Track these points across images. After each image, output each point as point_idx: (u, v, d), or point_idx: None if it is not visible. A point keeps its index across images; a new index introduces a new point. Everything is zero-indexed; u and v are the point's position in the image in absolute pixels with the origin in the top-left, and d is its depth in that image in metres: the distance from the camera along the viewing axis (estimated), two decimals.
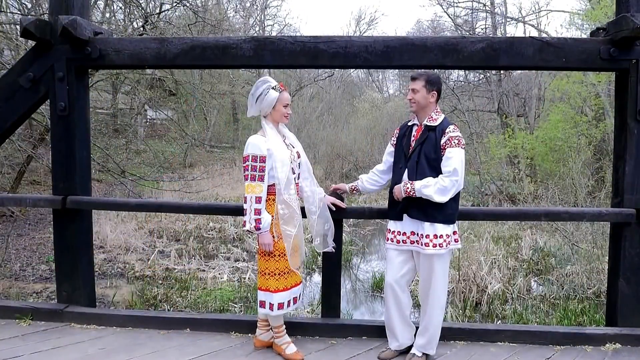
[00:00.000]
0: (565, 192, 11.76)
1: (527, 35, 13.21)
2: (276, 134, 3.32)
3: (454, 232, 3.30)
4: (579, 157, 11.66)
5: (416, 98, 3.28)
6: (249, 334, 3.71)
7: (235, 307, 7.13)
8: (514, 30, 23.71)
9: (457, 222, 3.35)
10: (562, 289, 7.83)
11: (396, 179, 3.34)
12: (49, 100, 4.04)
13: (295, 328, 3.75)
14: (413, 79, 3.31)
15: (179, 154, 18.68)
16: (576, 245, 8.85)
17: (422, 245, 3.22)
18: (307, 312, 7.09)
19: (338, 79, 29.75)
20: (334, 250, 3.59)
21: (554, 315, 6.95)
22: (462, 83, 21.46)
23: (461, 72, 20.92)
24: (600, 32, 3.80)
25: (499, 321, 6.85)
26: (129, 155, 13.37)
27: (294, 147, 3.41)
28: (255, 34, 24.12)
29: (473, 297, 7.58)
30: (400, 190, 3.24)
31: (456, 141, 3.16)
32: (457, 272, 7.96)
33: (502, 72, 17.78)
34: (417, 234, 3.25)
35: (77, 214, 4.01)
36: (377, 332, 3.73)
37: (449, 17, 20.22)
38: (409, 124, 3.43)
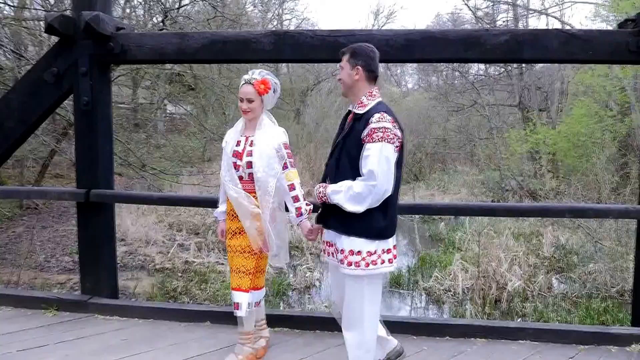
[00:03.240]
0: (589, 189, 11.59)
1: (550, 27, 12.97)
2: (235, 129, 3.21)
3: (386, 250, 2.59)
4: (603, 153, 11.47)
5: (341, 76, 2.71)
6: (268, 328, 3.72)
7: None
8: (537, 23, 23.27)
9: (392, 238, 2.65)
10: (585, 287, 7.72)
11: (323, 178, 2.78)
12: (72, 95, 4.09)
13: (314, 323, 3.75)
14: (341, 53, 2.74)
15: (198, 148, 18.80)
16: (600, 242, 8.71)
17: (337, 260, 2.63)
18: (325, 306, 7.11)
19: None
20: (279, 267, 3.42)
21: (576, 313, 6.87)
22: (483, 77, 21.21)
23: (481, 66, 20.68)
24: (628, 24, 3.70)
25: (519, 319, 6.79)
26: (149, 149, 13.49)
27: (253, 145, 3.10)
28: (274, 28, 24.12)
29: (492, 294, 7.53)
30: (314, 194, 2.71)
31: (379, 134, 2.46)
32: (477, 269, 7.90)
33: (523, 65, 17.50)
34: (335, 246, 2.67)
35: (100, 207, 4.06)
36: (396, 327, 3.69)
37: (470, 9, 19.93)
38: (349, 108, 2.79)
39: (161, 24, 11.57)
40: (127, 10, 14.30)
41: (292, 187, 3.05)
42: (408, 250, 11.18)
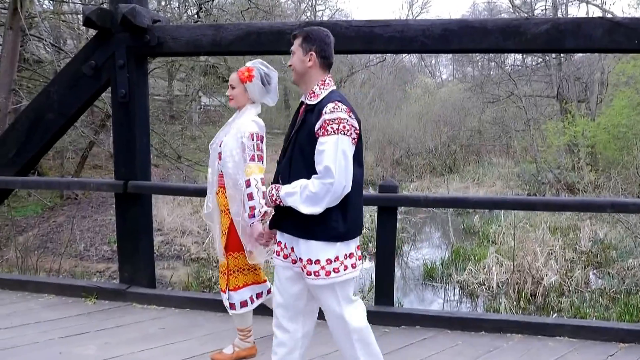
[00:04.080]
0: (629, 182, 11.25)
1: (591, 15, 12.53)
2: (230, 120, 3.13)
3: (348, 255, 2.33)
4: None
5: (292, 62, 2.41)
6: None
7: None
8: (576, 11, 22.63)
9: (355, 240, 2.40)
10: (624, 283, 7.52)
11: (275, 177, 2.47)
12: (110, 87, 4.17)
13: None
14: (292, 37, 2.45)
15: None
16: None
17: (300, 269, 2.38)
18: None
19: (390, 64, 29.34)
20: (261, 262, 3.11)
21: (614, 310, 6.70)
22: (519, 67, 20.73)
23: (518, 56, 20.20)
24: None
25: (555, 314, 6.66)
26: (184, 141, 13.73)
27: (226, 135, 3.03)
28: (307, 19, 24.02)
29: (528, 288, 7.40)
30: (266, 197, 2.42)
31: (334, 126, 2.19)
32: (512, 263, 7.76)
33: (562, 55, 16.99)
34: (296, 253, 2.38)
35: (138, 198, 4.13)
36: (431, 322, 3.68)
37: None
38: (301, 99, 2.50)
39: (196, 15, 11.70)
40: (163, 3, 14.52)
41: (247, 184, 2.79)
42: (441, 243, 11.08)
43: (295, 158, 2.31)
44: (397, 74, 31.17)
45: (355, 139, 2.27)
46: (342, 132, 2.19)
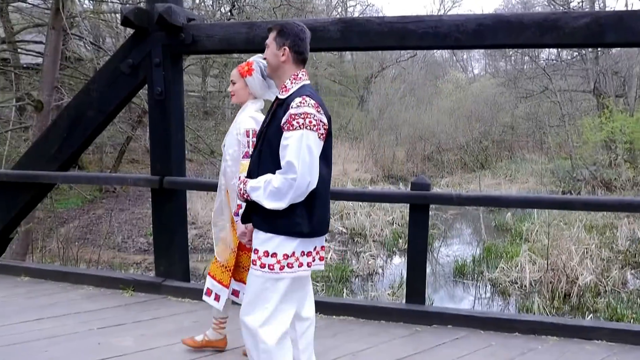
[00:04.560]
0: None
1: (630, 8, 12.15)
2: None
3: (306, 253, 2.29)
4: None
5: (266, 55, 2.40)
6: (333, 316, 3.76)
7: (317, 285, 7.27)
8: (614, 5, 21.89)
9: (319, 238, 2.35)
10: None
11: (247, 172, 2.44)
12: (146, 85, 4.26)
13: (378, 313, 3.75)
14: (268, 30, 2.45)
15: None
16: None
17: (252, 261, 2.33)
18: (388, 294, 7.11)
19: (421, 59, 29.04)
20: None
21: None
22: (555, 61, 20.24)
23: (553, 50, 19.73)
24: None
25: (591, 315, 6.53)
26: (217, 136, 13.91)
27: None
28: (338, 15, 24.02)
29: (562, 288, 7.27)
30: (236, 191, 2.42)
31: (300, 120, 2.16)
32: (545, 261, 7.63)
33: (598, 48, 16.51)
34: (254, 244, 2.36)
35: (173, 194, 4.22)
36: (463, 321, 3.64)
37: None
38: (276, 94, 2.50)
39: (229, 13, 11.82)
40: (197, 1, 14.70)
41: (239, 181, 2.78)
42: (472, 239, 10.96)
43: (265, 152, 2.30)
44: (428, 69, 30.84)
45: (324, 135, 2.25)
46: (308, 127, 2.16)
